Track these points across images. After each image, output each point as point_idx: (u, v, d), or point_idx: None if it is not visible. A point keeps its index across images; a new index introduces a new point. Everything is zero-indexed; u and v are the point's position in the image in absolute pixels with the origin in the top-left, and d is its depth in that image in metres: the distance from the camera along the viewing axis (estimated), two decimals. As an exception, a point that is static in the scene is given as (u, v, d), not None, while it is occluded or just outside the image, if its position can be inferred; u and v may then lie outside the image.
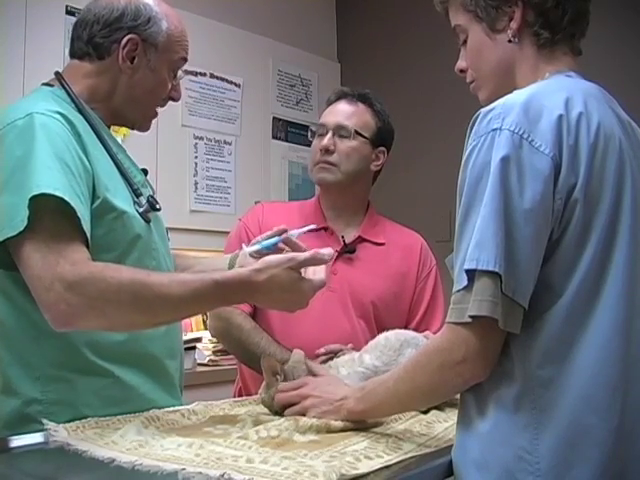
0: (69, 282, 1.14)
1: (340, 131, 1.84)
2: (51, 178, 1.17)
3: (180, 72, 1.46)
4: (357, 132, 1.84)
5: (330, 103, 1.92)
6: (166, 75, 1.42)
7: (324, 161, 1.84)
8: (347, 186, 1.86)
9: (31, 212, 1.14)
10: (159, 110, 1.48)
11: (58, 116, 1.25)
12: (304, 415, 1.22)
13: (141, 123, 1.48)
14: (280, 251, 1.32)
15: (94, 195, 1.25)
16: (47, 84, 1.39)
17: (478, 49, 1.15)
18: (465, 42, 1.17)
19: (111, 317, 1.18)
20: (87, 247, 1.20)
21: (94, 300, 1.15)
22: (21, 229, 1.14)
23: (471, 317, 0.95)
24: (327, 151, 1.83)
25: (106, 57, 1.37)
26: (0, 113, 1.28)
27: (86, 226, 1.19)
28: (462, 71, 1.20)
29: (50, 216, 1.17)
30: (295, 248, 1.33)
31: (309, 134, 1.95)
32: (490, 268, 0.93)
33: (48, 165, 1.18)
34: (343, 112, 1.87)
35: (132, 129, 1.50)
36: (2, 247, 1.17)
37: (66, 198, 1.16)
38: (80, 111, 1.33)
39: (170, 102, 1.49)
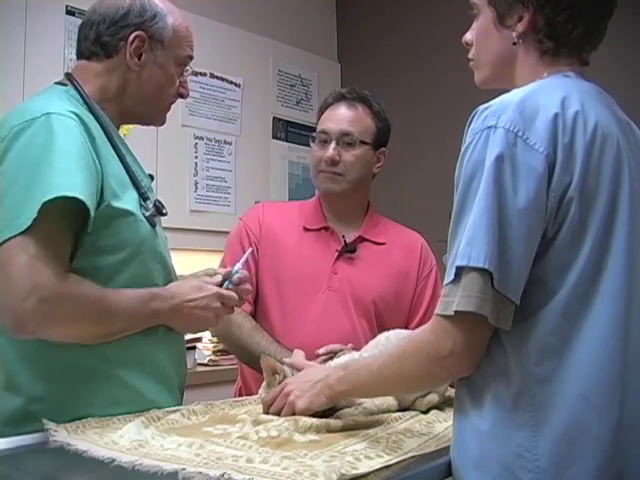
0: (46, 296, 1.16)
1: (344, 139, 1.82)
2: (67, 179, 1.18)
3: (187, 68, 1.47)
4: (361, 141, 1.83)
5: (328, 106, 1.89)
6: (174, 71, 1.43)
7: (330, 172, 1.82)
8: (351, 193, 1.86)
9: (40, 212, 1.14)
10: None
11: (74, 116, 1.27)
12: (294, 413, 1.23)
13: (154, 120, 1.49)
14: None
15: (101, 198, 1.26)
16: (60, 83, 1.39)
17: (484, 34, 1.15)
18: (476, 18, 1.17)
19: (73, 331, 1.24)
20: (77, 249, 1.23)
21: (64, 316, 1.21)
22: (22, 229, 1.15)
23: (456, 312, 0.95)
24: (333, 162, 1.81)
25: (114, 55, 1.38)
26: (16, 110, 1.29)
27: (91, 227, 1.21)
28: (467, 44, 1.20)
29: (55, 217, 1.17)
30: (241, 282, 1.44)
31: (310, 142, 1.92)
32: (480, 265, 0.94)
33: (65, 167, 1.19)
34: (345, 119, 1.83)
35: (146, 125, 1.52)
36: None
37: (82, 198, 1.17)
38: (92, 112, 1.34)
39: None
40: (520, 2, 1.09)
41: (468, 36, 1.19)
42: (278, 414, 1.26)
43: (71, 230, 1.22)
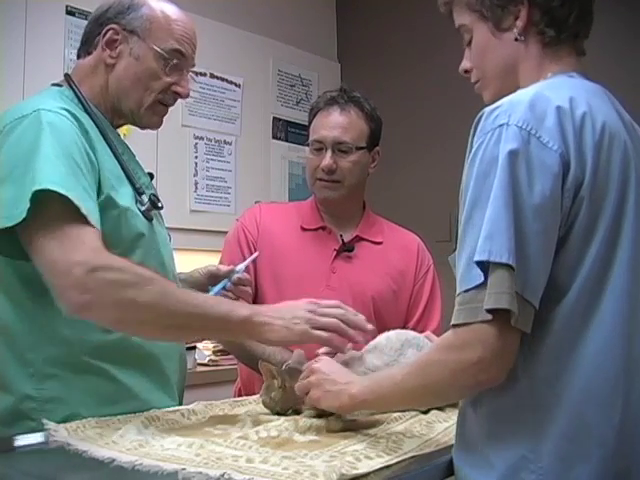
0: (90, 266, 1.14)
1: (340, 147, 1.81)
2: (55, 174, 1.18)
3: (178, 64, 1.42)
4: (357, 147, 1.82)
5: (319, 110, 1.87)
6: (154, 64, 1.39)
7: (328, 180, 1.82)
8: (349, 197, 1.87)
9: (38, 204, 1.14)
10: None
11: (65, 112, 1.27)
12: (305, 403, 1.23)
13: (142, 119, 1.44)
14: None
15: (99, 191, 1.26)
16: (56, 84, 1.40)
17: (483, 48, 1.15)
18: (470, 43, 1.18)
19: (125, 311, 1.18)
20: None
21: (112, 288, 1.16)
22: (18, 220, 1.15)
23: (488, 311, 0.91)
24: (330, 170, 1.81)
25: (93, 51, 1.40)
26: (9, 110, 1.29)
27: (94, 220, 1.19)
28: (467, 72, 1.20)
29: (59, 207, 1.17)
30: (241, 283, 1.46)
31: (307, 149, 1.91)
32: (504, 260, 0.90)
33: (52, 161, 1.19)
34: (339, 126, 1.82)
35: (141, 128, 1.48)
36: (5, 236, 1.18)
37: (69, 195, 1.16)
38: (87, 111, 1.34)
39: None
40: (513, 1, 1.10)
41: (466, 64, 1.19)
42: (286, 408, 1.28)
43: (82, 217, 1.19)
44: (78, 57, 1.44)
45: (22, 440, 1.15)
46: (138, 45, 1.38)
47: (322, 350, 1.66)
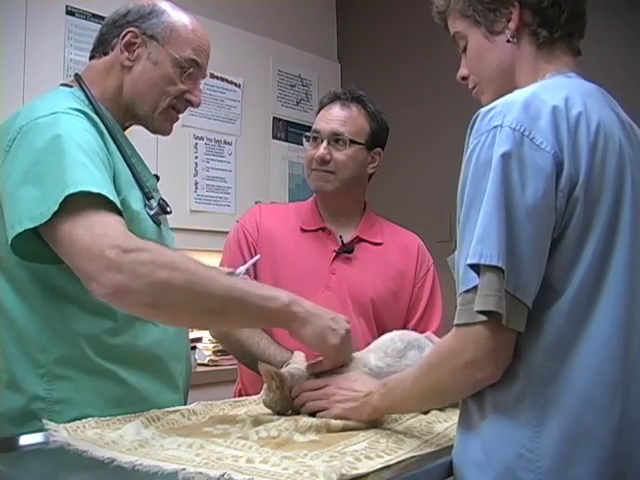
0: (122, 248, 1.13)
1: (335, 139, 1.83)
2: (83, 173, 1.18)
3: (191, 73, 1.44)
4: (352, 140, 1.83)
5: (323, 106, 1.90)
6: (171, 70, 1.41)
7: (321, 170, 1.83)
8: (344, 192, 1.87)
9: (63, 202, 1.14)
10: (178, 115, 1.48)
11: (81, 114, 1.28)
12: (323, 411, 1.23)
13: (155, 123, 1.45)
14: None
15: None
16: (66, 85, 1.40)
17: (478, 53, 1.16)
18: (465, 49, 1.18)
19: (159, 294, 1.15)
20: None
21: (146, 268, 1.14)
22: (42, 221, 1.15)
23: (478, 312, 0.93)
24: (323, 161, 1.82)
25: (109, 52, 1.40)
26: (23, 111, 1.29)
27: (119, 208, 1.20)
28: (464, 78, 1.21)
29: (85, 201, 1.17)
30: None
31: (304, 140, 1.93)
32: (493, 263, 0.92)
33: (78, 160, 1.19)
34: (337, 118, 1.84)
35: (152, 132, 1.49)
36: (23, 239, 1.17)
37: (100, 192, 1.17)
38: (97, 112, 1.34)
39: None
40: (504, 4, 1.11)
41: (463, 71, 1.20)
42: (287, 408, 1.27)
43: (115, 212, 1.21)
44: (91, 58, 1.44)
45: (23, 440, 1.15)
46: (157, 50, 1.40)
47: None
